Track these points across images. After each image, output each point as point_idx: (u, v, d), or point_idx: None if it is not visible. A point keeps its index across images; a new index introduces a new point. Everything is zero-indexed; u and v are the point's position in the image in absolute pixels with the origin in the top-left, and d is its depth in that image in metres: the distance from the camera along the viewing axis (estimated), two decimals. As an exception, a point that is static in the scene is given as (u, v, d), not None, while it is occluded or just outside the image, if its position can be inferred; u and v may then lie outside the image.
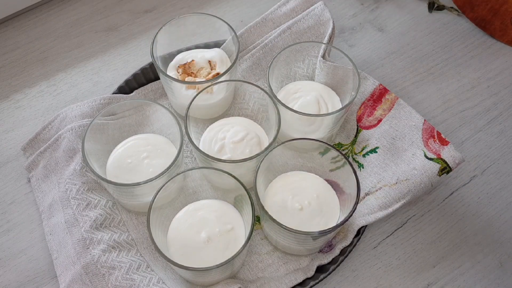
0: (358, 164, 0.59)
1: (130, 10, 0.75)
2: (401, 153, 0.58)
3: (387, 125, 0.60)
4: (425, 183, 0.56)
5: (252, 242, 0.56)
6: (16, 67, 0.70)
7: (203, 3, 0.75)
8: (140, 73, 0.66)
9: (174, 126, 0.55)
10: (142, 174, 0.55)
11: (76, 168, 0.57)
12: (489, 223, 0.58)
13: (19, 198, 0.60)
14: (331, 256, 0.54)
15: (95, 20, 0.74)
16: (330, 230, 0.49)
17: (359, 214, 0.55)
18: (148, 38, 0.72)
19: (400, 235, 0.57)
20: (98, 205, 0.56)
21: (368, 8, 0.75)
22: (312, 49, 0.62)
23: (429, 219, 0.58)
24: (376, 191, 0.57)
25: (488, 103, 0.66)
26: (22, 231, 0.58)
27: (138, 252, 0.55)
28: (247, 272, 0.54)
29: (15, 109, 0.67)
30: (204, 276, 0.50)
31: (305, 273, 0.53)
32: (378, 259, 0.56)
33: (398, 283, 0.55)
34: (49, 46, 0.72)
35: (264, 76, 0.66)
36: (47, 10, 0.75)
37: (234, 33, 0.60)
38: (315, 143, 0.54)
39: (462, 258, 0.56)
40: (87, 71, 0.70)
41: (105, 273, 0.51)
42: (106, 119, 0.57)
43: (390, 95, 0.62)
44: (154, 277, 0.52)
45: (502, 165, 0.62)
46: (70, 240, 0.54)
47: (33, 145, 0.61)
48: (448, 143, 0.57)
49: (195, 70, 0.62)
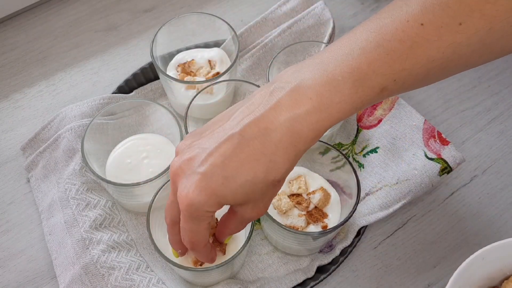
0: (359, 164, 0.59)
1: (130, 9, 0.75)
2: (401, 153, 0.58)
3: (387, 125, 0.60)
4: (425, 183, 0.56)
5: (252, 242, 0.56)
6: (15, 67, 0.70)
7: (203, 2, 0.75)
8: (139, 72, 0.66)
9: (174, 126, 0.55)
10: (141, 174, 0.55)
11: (75, 168, 0.57)
12: (490, 223, 0.58)
13: (19, 198, 0.60)
14: (331, 256, 0.54)
15: (95, 19, 0.74)
16: (330, 230, 0.49)
17: (360, 214, 0.55)
18: (148, 38, 0.72)
19: (400, 235, 0.57)
20: (98, 205, 0.55)
21: (369, 7, 0.75)
22: (312, 48, 0.62)
23: (430, 219, 0.58)
24: (377, 191, 0.56)
25: (489, 103, 0.66)
26: (21, 231, 0.58)
27: (137, 252, 0.54)
28: (247, 273, 0.54)
29: (14, 109, 0.66)
30: (203, 276, 0.49)
31: (305, 274, 0.53)
32: (378, 259, 0.56)
33: (398, 284, 0.54)
34: (48, 45, 0.72)
35: (264, 76, 0.66)
36: (46, 9, 0.75)
37: (234, 33, 0.60)
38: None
39: (463, 259, 0.55)
40: (86, 71, 0.69)
41: (105, 274, 0.51)
42: (106, 119, 0.57)
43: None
44: (154, 277, 0.52)
45: (503, 165, 0.62)
46: (69, 240, 0.53)
47: (33, 145, 0.61)
48: (448, 143, 0.57)
49: (195, 70, 0.62)
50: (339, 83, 0.36)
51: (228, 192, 0.37)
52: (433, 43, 0.36)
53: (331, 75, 0.37)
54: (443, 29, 0.36)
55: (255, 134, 0.37)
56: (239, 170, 0.36)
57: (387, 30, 0.37)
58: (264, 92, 0.38)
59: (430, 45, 0.36)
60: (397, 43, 0.36)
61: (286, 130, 0.36)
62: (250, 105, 0.38)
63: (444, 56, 0.36)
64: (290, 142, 0.37)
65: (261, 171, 0.37)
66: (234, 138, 0.37)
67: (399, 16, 0.37)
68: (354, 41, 0.37)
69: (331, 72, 0.37)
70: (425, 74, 0.37)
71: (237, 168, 0.36)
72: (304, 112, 0.36)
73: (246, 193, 0.37)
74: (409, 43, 0.36)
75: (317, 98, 0.36)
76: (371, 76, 0.36)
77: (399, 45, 0.36)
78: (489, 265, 0.43)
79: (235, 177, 0.36)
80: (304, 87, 0.37)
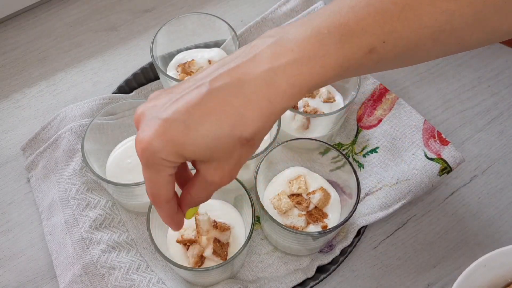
0: (359, 164, 0.59)
1: (130, 9, 0.75)
2: (401, 153, 0.58)
3: (387, 125, 0.60)
4: (425, 183, 0.56)
5: (252, 242, 0.56)
6: (15, 67, 0.70)
7: (203, 2, 0.75)
8: (140, 73, 0.66)
9: (174, 126, 0.55)
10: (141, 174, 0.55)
11: (75, 168, 0.57)
12: (489, 223, 0.58)
13: (19, 198, 0.60)
14: (331, 256, 0.54)
15: (95, 19, 0.74)
16: (330, 230, 0.49)
17: (360, 214, 0.55)
18: (148, 38, 0.72)
19: (400, 235, 0.57)
20: (98, 205, 0.55)
21: (368, 7, 0.75)
22: (312, 48, 0.62)
23: (430, 219, 0.58)
24: (377, 191, 0.56)
25: (489, 103, 0.66)
26: (21, 231, 0.58)
27: (138, 252, 0.54)
28: (247, 273, 0.54)
29: (14, 109, 0.66)
30: (203, 276, 0.49)
31: (305, 273, 0.53)
32: (378, 259, 0.56)
33: (398, 283, 0.54)
34: (49, 46, 0.72)
35: (264, 75, 0.66)
36: (47, 9, 0.75)
37: (234, 33, 0.60)
38: (315, 143, 0.54)
39: (463, 258, 0.56)
40: (86, 71, 0.69)
41: (105, 273, 0.51)
42: (106, 119, 0.57)
43: (390, 95, 0.62)
44: (154, 277, 0.52)
45: (503, 165, 0.62)
46: (69, 240, 0.53)
47: (33, 145, 0.61)
48: (448, 143, 0.57)
49: (195, 70, 0.62)
50: (324, 36, 0.34)
51: (188, 141, 0.34)
52: (425, 7, 0.34)
53: (317, 28, 0.34)
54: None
55: (226, 84, 0.34)
56: (203, 118, 0.34)
57: None
58: (244, 47, 0.36)
59: (423, 9, 0.34)
60: (389, 4, 0.34)
61: (262, 82, 0.34)
62: (226, 57, 0.36)
63: (437, 24, 0.34)
64: (264, 96, 0.34)
65: (227, 124, 0.34)
66: (203, 86, 0.34)
67: None
68: (343, 0, 0.35)
69: (317, 26, 0.34)
70: (416, 42, 0.35)
71: (201, 117, 0.34)
72: (284, 64, 0.34)
73: (208, 146, 0.34)
74: (401, 4, 0.34)
75: (299, 50, 0.34)
76: (359, 34, 0.34)
77: (391, 5, 0.34)
78: (491, 272, 0.43)
79: (197, 126, 0.33)
80: (286, 40, 0.34)
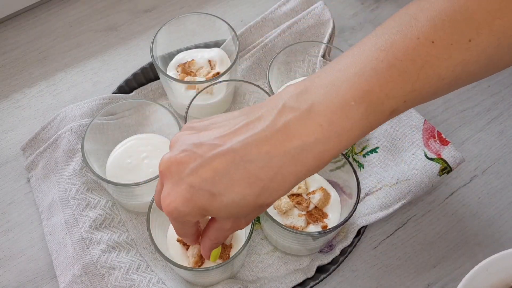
0: (359, 164, 0.59)
1: (130, 9, 0.75)
2: (401, 153, 0.58)
3: (387, 125, 0.60)
4: (425, 183, 0.56)
5: (252, 242, 0.56)
6: (15, 67, 0.70)
7: (203, 2, 0.75)
8: (140, 72, 0.66)
9: (174, 126, 0.55)
10: (142, 174, 0.55)
11: (75, 168, 0.57)
12: (489, 223, 0.58)
13: (19, 198, 0.60)
14: (331, 256, 0.54)
15: (95, 19, 0.74)
16: (330, 230, 0.49)
17: (360, 214, 0.55)
18: (148, 38, 0.72)
19: (400, 235, 0.57)
20: (98, 205, 0.55)
21: (369, 7, 0.75)
22: (312, 48, 0.62)
23: (430, 219, 0.58)
24: (377, 191, 0.56)
25: (489, 103, 0.66)
26: (21, 231, 0.58)
27: (137, 252, 0.54)
28: (247, 273, 0.54)
29: (14, 109, 0.66)
30: (203, 276, 0.49)
31: (305, 273, 0.53)
32: (378, 259, 0.56)
33: (398, 283, 0.54)
34: (49, 46, 0.72)
35: (264, 76, 0.66)
36: (47, 9, 0.75)
37: (234, 33, 0.60)
38: (315, 143, 0.54)
39: (463, 258, 0.56)
40: (86, 71, 0.69)
41: (105, 273, 0.51)
42: (106, 119, 0.57)
43: (390, 95, 0.62)
44: (154, 277, 0.52)
45: (503, 165, 0.62)
46: (69, 240, 0.53)
47: (33, 145, 0.61)
48: (448, 143, 0.57)
49: (195, 70, 0.62)
50: (351, 108, 0.34)
51: (212, 209, 0.35)
52: (443, 62, 0.35)
53: (343, 99, 0.35)
54: (453, 46, 0.34)
55: (254, 157, 0.34)
56: (228, 189, 0.35)
57: (398, 48, 0.35)
58: (272, 108, 0.36)
59: (441, 64, 0.35)
60: (409, 63, 0.34)
61: (290, 158, 0.34)
62: (256, 120, 0.36)
63: (454, 75, 0.35)
64: (291, 171, 0.35)
65: (252, 195, 0.35)
66: (230, 154, 0.35)
67: (408, 33, 0.35)
68: (364, 59, 0.36)
69: (343, 96, 0.35)
70: (433, 93, 0.36)
71: (226, 188, 0.35)
72: (313, 141, 0.34)
73: (231, 212, 0.36)
74: (421, 62, 0.34)
75: (328, 125, 0.34)
76: (384, 100, 0.35)
77: (411, 65, 0.34)
78: (493, 276, 0.43)
79: (222, 196, 0.35)
80: (315, 112, 0.34)
